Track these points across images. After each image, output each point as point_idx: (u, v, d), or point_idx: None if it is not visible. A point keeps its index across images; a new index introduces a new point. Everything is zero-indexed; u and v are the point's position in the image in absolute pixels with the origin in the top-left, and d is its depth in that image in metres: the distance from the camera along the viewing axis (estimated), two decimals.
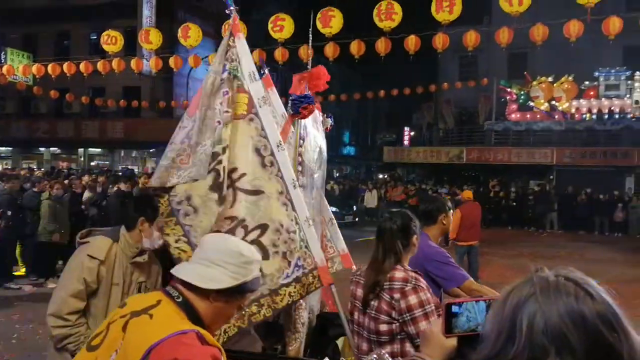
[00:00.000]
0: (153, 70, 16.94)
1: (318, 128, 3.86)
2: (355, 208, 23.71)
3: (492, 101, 28.91)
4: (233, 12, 3.26)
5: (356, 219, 22.60)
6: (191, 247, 2.92)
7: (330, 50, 12.57)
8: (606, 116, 26.35)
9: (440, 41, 12.00)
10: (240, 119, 3.13)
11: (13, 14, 28.29)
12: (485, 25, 23.63)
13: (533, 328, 0.94)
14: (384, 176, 32.42)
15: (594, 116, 26.54)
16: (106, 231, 3.13)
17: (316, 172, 3.78)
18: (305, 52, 13.37)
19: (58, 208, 9.72)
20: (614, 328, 0.93)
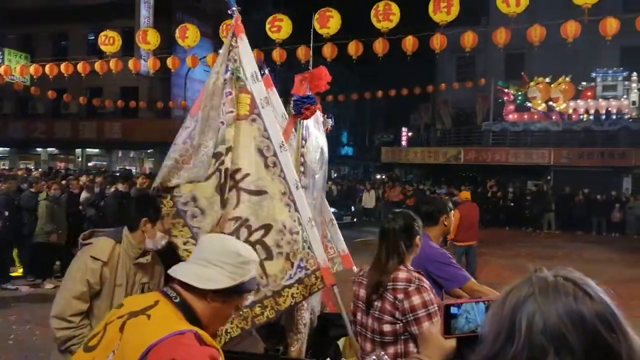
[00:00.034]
0: (151, 70, 16.93)
1: (319, 128, 3.85)
2: (353, 208, 23.71)
3: (490, 102, 28.93)
4: (235, 13, 3.24)
5: (354, 220, 22.60)
6: None
7: (328, 50, 12.58)
8: (603, 117, 26.41)
9: (437, 42, 12.02)
10: (242, 120, 3.12)
11: (10, 14, 28.20)
12: (482, 26, 23.66)
13: (532, 328, 0.94)
14: (382, 176, 32.44)
15: (592, 117, 26.61)
16: (109, 232, 3.12)
17: (317, 173, 3.78)
18: (303, 53, 13.46)
19: (55, 208, 9.70)
20: (613, 328, 0.93)
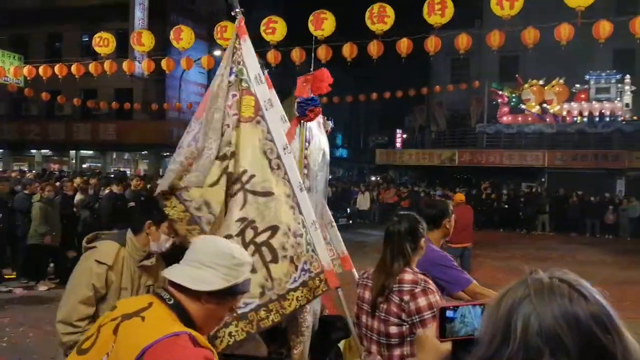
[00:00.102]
0: (145, 72, 16.84)
1: (321, 131, 3.85)
2: (348, 210, 23.71)
3: (484, 104, 29.04)
4: (239, 14, 3.22)
5: (350, 221, 22.61)
6: None
7: (322, 52, 12.57)
8: (597, 119, 26.55)
9: (432, 44, 12.04)
10: (247, 122, 3.11)
11: (4, 15, 28.11)
12: (476, 28, 23.80)
13: (527, 329, 0.95)
14: (377, 178, 32.48)
15: (585, 119, 26.74)
16: (113, 235, 3.11)
17: (319, 175, 3.77)
18: (297, 55, 13.45)
19: (49, 210, 9.65)
20: (608, 329, 0.94)
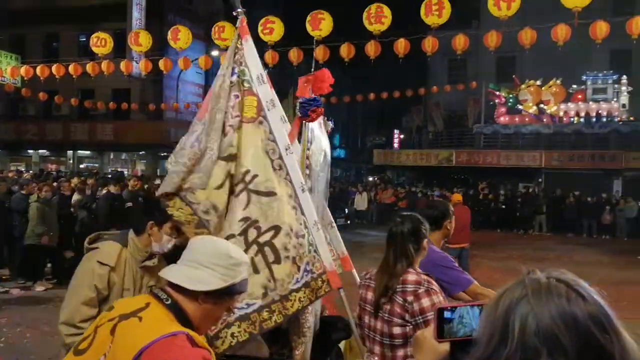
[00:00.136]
0: (143, 72, 16.81)
1: (322, 131, 3.84)
2: (346, 211, 23.71)
3: (481, 104, 29.08)
4: (241, 14, 3.19)
5: (348, 222, 22.61)
6: None
7: (320, 53, 12.57)
8: (594, 119, 26.61)
9: (429, 44, 12.04)
10: (250, 122, 3.10)
11: (1, 15, 28.04)
12: (474, 28, 23.83)
13: (525, 330, 0.94)
14: (374, 179, 32.51)
15: (582, 119, 26.80)
16: (114, 236, 3.09)
17: (320, 176, 3.77)
18: (295, 55, 13.45)
19: (46, 211, 9.63)
20: (606, 329, 0.93)
